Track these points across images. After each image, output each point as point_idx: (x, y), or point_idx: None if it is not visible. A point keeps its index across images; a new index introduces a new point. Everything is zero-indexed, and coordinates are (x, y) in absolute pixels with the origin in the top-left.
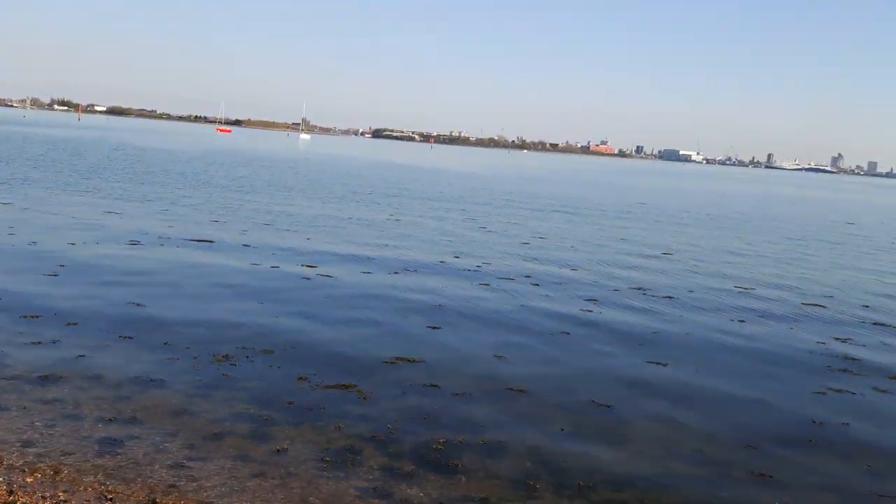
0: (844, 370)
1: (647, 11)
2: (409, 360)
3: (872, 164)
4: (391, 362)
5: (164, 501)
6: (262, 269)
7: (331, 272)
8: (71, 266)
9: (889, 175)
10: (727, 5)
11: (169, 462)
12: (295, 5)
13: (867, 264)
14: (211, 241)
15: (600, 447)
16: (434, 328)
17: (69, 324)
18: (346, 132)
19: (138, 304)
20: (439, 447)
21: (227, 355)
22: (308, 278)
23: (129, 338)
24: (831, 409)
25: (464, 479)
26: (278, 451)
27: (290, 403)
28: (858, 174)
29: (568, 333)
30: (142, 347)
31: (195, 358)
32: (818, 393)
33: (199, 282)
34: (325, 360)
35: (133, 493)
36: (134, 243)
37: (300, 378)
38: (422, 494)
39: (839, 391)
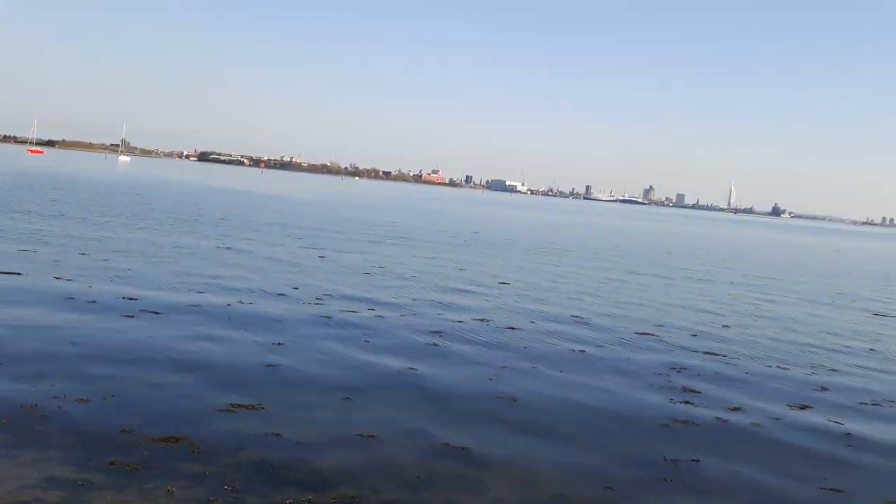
0: (686, 402)
1: (482, 44)
2: (246, 407)
3: (680, 196)
4: (226, 410)
5: None
6: (77, 303)
7: (155, 307)
8: None
9: (696, 206)
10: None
11: None
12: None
13: (690, 293)
14: (18, 274)
15: (460, 495)
16: (271, 366)
17: None
18: (170, 155)
19: None
20: None
21: (34, 405)
22: (130, 315)
23: None
24: (680, 445)
25: None
26: None
27: (112, 464)
28: (667, 205)
29: (414, 370)
30: None
31: None
32: (664, 425)
33: (3, 320)
34: (151, 408)
35: None
36: None
37: (123, 431)
38: None
39: (685, 423)
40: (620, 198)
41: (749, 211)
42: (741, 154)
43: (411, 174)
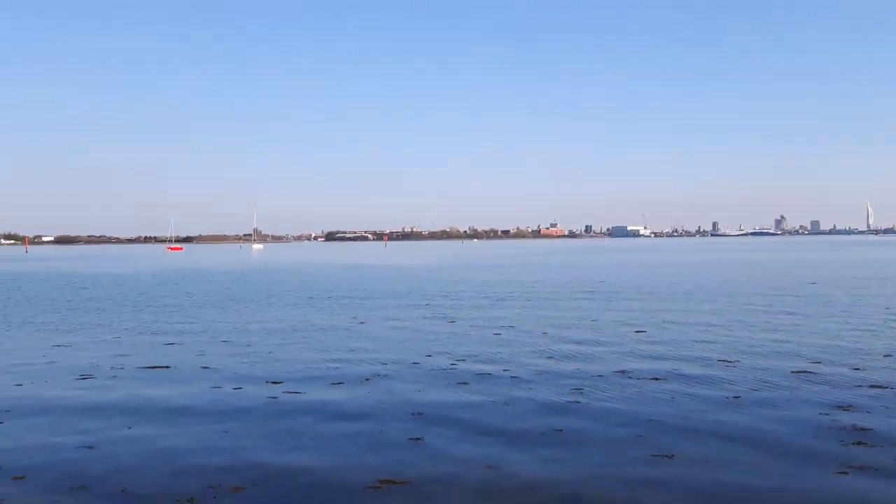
0: (858, 442)
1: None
2: (395, 482)
3: (815, 223)
4: (375, 487)
5: None
6: (224, 391)
7: (298, 388)
8: (16, 411)
9: (833, 231)
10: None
11: None
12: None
13: (844, 323)
14: (167, 367)
15: None
16: (416, 439)
17: (14, 478)
18: (300, 238)
19: (90, 447)
20: None
21: (192, 499)
22: (274, 397)
23: (83, 488)
24: (855, 490)
25: None
26: None
27: None
28: (802, 233)
29: (560, 431)
30: (96, 498)
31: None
32: (840, 473)
33: (157, 413)
34: (304, 490)
35: None
36: (85, 377)
37: None
38: None
39: (861, 468)
40: (751, 231)
41: (891, 231)
42: (876, 171)
43: (529, 230)
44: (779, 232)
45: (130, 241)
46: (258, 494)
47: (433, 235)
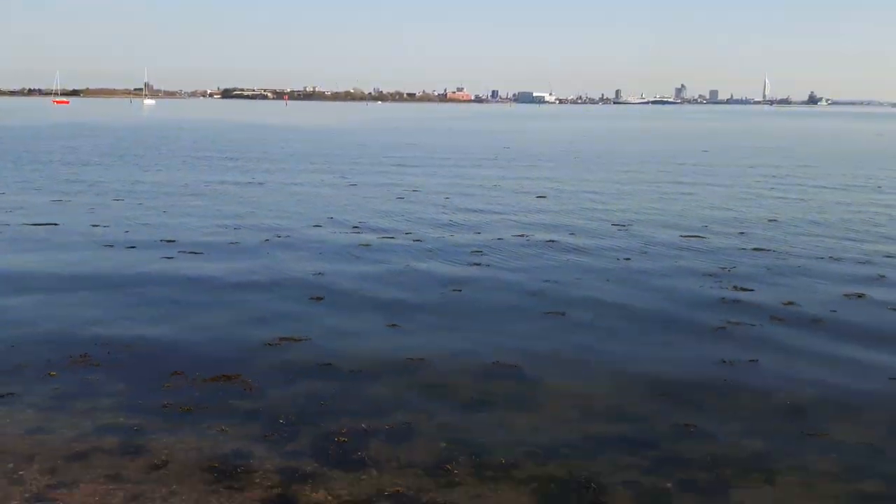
0: (737, 300)
1: None
2: (294, 339)
3: (714, 93)
4: (274, 343)
5: None
6: (115, 252)
7: (195, 249)
8: None
9: (730, 101)
10: None
11: (27, 494)
12: None
13: (730, 191)
14: (55, 224)
15: (514, 415)
16: (317, 299)
17: None
18: (194, 94)
19: None
20: (342, 439)
21: (84, 355)
22: (170, 257)
23: None
24: (736, 346)
25: (374, 473)
26: (156, 465)
27: (164, 406)
28: (701, 103)
29: (459, 291)
30: None
31: (47, 362)
32: (719, 328)
33: (45, 272)
34: (200, 349)
35: None
36: None
37: (174, 373)
38: (329, 497)
39: (738, 324)
40: (651, 99)
41: (785, 101)
42: (774, 45)
43: (435, 94)
44: (679, 101)
45: (13, 93)
46: (152, 349)
47: (336, 97)
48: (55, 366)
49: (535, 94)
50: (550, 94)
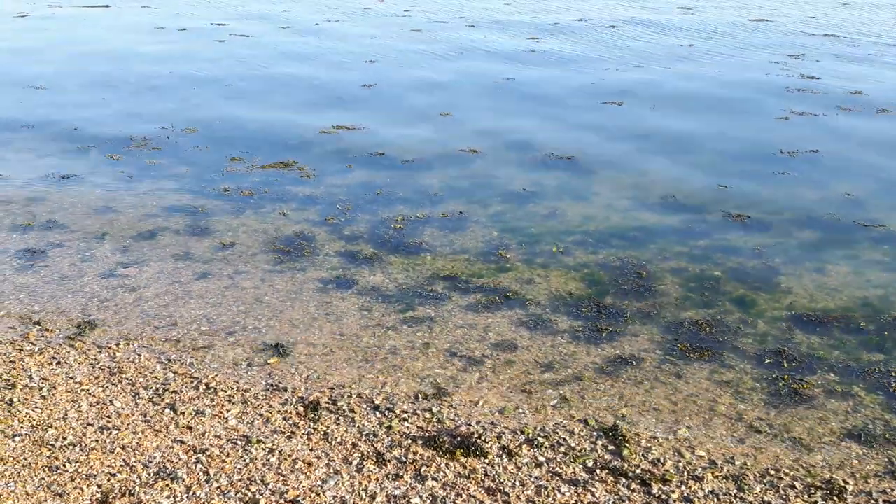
0: (803, 90)
1: None
2: (348, 128)
3: None
4: (329, 131)
5: (100, 319)
6: (168, 32)
7: (245, 30)
8: None
9: None
10: None
11: (100, 271)
12: None
13: None
14: (106, 6)
15: (567, 203)
16: (369, 86)
17: None
18: None
19: (38, 88)
20: (398, 225)
21: (145, 137)
22: (221, 40)
23: (29, 127)
24: (798, 136)
25: (429, 258)
26: (223, 245)
27: (226, 190)
28: None
29: (513, 79)
30: (46, 139)
31: (110, 144)
32: (781, 118)
33: (99, 55)
34: (256, 134)
35: (63, 310)
36: (22, 15)
37: (233, 159)
38: (387, 280)
39: (802, 114)
40: None
41: None
42: None
43: None
44: None
45: None
46: (211, 134)
47: None
48: (116, 149)
49: None
50: None
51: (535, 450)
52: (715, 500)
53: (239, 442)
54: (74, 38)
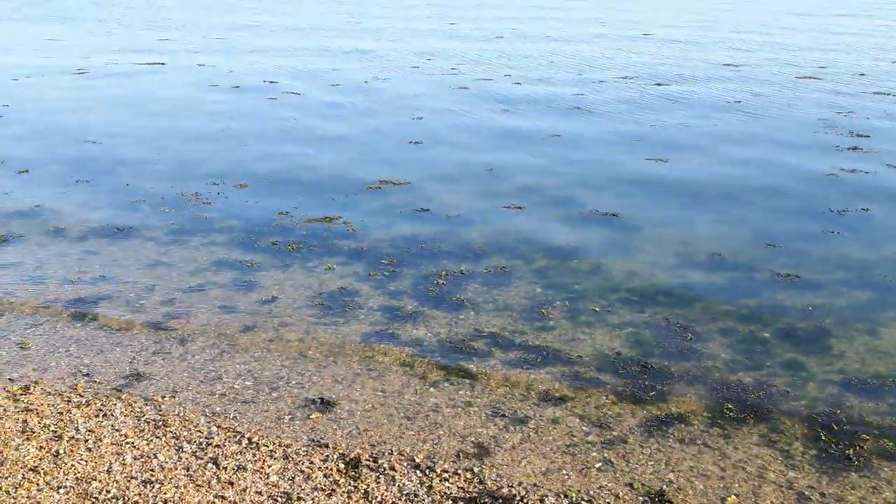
0: (854, 148)
1: None
2: (394, 183)
3: None
4: (375, 187)
5: (147, 371)
6: (221, 89)
7: (296, 88)
8: (14, 103)
9: None
10: None
11: (147, 322)
12: None
13: (849, 29)
14: (162, 63)
15: (612, 260)
16: (415, 143)
17: (20, 171)
18: None
19: (92, 142)
20: (441, 281)
21: (197, 193)
22: (273, 97)
23: (84, 182)
24: (848, 194)
25: (472, 314)
26: (268, 299)
27: (274, 244)
28: None
29: (558, 135)
30: (100, 193)
31: (162, 199)
32: (830, 175)
33: (156, 112)
34: (303, 189)
35: (111, 362)
36: (81, 72)
37: (280, 213)
38: (430, 335)
39: (853, 171)
40: None
41: None
42: None
43: None
44: None
45: None
46: (261, 189)
47: None
48: (168, 203)
49: None
50: None
51: None
52: None
53: (279, 499)
54: (129, 95)
